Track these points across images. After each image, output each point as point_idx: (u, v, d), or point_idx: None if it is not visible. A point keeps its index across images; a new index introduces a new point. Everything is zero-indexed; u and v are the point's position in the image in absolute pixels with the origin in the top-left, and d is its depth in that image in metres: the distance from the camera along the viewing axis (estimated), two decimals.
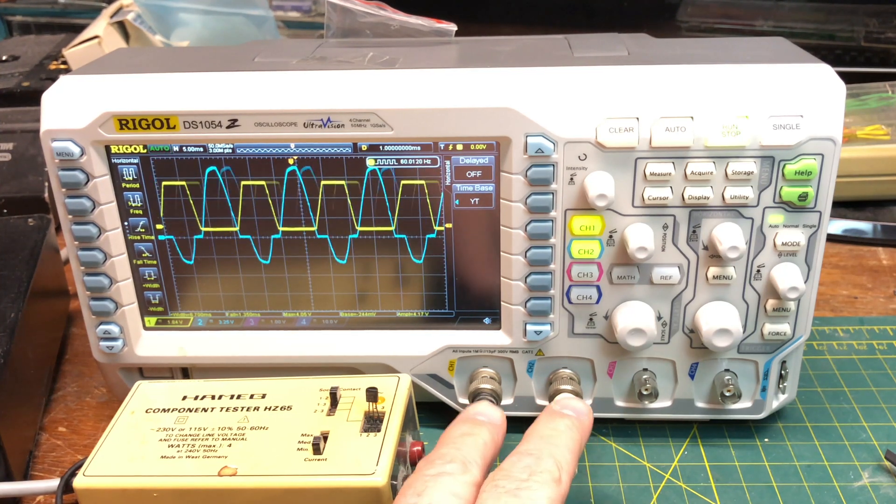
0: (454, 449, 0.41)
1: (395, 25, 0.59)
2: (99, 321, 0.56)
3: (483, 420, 0.43)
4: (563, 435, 0.42)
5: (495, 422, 0.43)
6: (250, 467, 0.46)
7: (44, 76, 0.99)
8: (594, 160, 0.49)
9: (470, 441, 0.41)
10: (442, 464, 0.40)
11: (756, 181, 0.49)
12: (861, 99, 0.91)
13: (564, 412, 0.43)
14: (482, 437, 0.42)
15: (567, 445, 0.41)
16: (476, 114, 0.49)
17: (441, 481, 0.38)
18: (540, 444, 0.41)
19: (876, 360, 0.64)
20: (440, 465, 0.39)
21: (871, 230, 0.82)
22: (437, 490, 0.38)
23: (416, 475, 0.39)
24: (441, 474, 0.39)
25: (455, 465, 0.39)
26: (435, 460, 0.40)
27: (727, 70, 0.50)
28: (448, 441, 0.42)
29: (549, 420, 0.43)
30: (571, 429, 0.42)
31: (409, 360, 0.56)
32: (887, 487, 0.52)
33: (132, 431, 0.49)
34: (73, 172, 0.51)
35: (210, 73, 0.52)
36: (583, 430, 0.43)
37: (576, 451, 0.41)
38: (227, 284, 0.56)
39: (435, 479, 0.39)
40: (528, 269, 0.52)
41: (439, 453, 0.41)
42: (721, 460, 0.54)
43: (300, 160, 0.52)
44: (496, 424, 0.43)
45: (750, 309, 0.52)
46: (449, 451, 0.40)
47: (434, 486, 0.38)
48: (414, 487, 0.39)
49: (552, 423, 0.42)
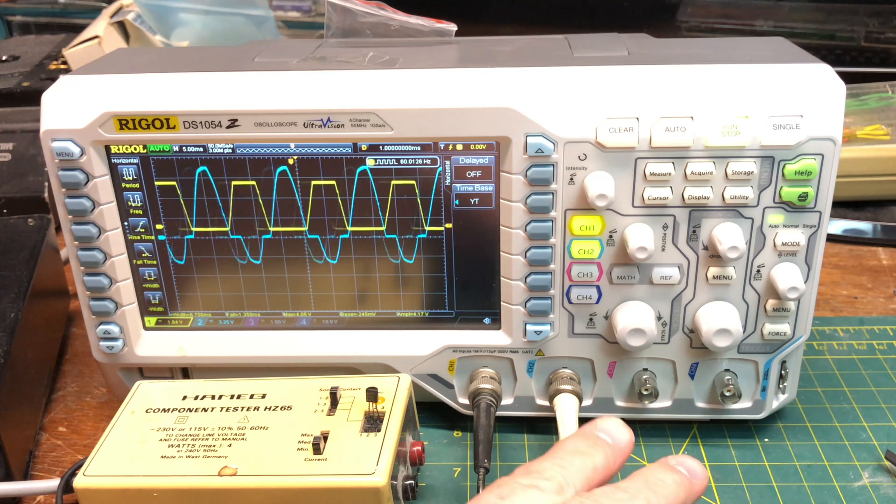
0: (558, 467, 0.38)
1: (395, 25, 0.59)
2: (99, 321, 0.56)
3: (604, 441, 0.40)
4: (667, 487, 0.38)
5: (619, 445, 0.40)
6: (250, 467, 0.46)
7: (44, 76, 0.99)
8: (594, 160, 0.49)
9: (579, 462, 0.38)
10: (538, 478, 0.37)
11: (756, 181, 0.49)
12: (861, 99, 0.91)
13: (678, 468, 0.40)
14: (594, 461, 0.39)
15: (667, 497, 0.38)
16: (476, 114, 0.49)
17: (529, 494, 0.36)
18: (640, 487, 0.38)
19: (876, 360, 0.64)
20: (536, 479, 0.37)
21: (871, 230, 0.82)
22: (522, 499, 0.36)
23: (509, 479, 0.37)
24: (533, 487, 0.37)
25: (551, 485, 0.37)
26: (534, 471, 0.38)
27: (727, 70, 0.50)
28: (557, 454, 0.39)
29: (659, 470, 0.39)
30: (679, 486, 0.39)
31: (409, 360, 0.56)
32: (887, 487, 0.52)
33: (132, 431, 0.49)
34: (73, 172, 0.51)
35: (210, 73, 0.52)
36: (691, 492, 0.39)
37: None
38: (227, 284, 0.56)
39: (524, 490, 0.37)
40: (528, 269, 0.52)
41: (542, 465, 0.38)
42: (721, 460, 0.54)
43: (300, 160, 0.52)
44: (618, 449, 0.40)
45: (750, 309, 0.52)
46: (551, 468, 0.38)
47: (521, 495, 0.36)
48: (501, 489, 0.37)
49: (661, 474, 0.39)
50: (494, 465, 0.54)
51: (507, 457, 0.55)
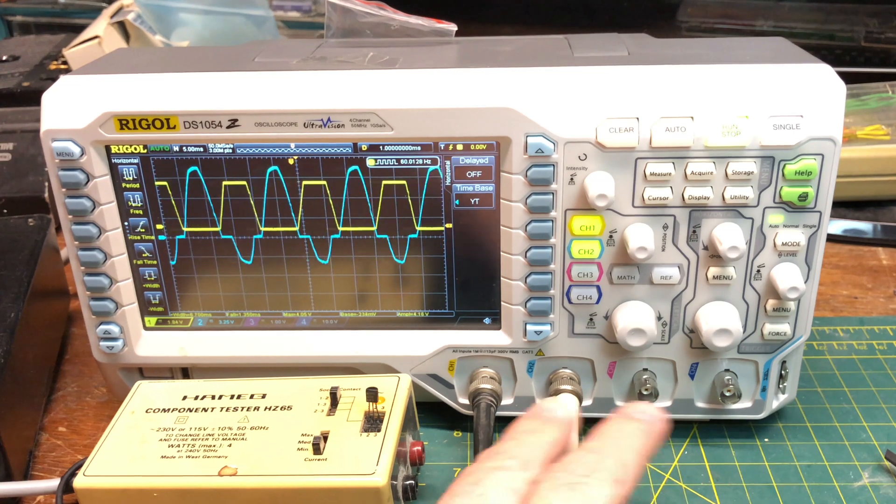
0: (516, 446, 0.40)
1: (395, 25, 0.59)
2: (99, 321, 0.56)
3: (551, 417, 0.42)
4: (631, 437, 0.40)
5: (565, 419, 0.42)
6: (250, 467, 0.46)
7: (44, 76, 0.99)
8: (594, 160, 0.49)
9: (534, 439, 0.40)
10: (502, 459, 0.39)
11: (756, 181, 0.49)
12: (861, 99, 0.91)
13: (636, 416, 0.41)
14: (548, 436, 0.41)
15: (634, 448, 0.39)
16: (476, 114, 0.49)
17: (498, 475, 0.38)
18: (606, 443, 0.39)
19: (876, 360, 0.64)
20: (500, 460, 0.39)
21: (871, 230, 0.82)
22: (494, 482, 0.37)
23: (476, 465, 0.39)
24: (500, 468, 0.38)
25: (515, 462, 0.38)
26: (496, 454, 0.39)
27: (727, 70, 0.50)
28: (512, 436, 0.41)
29: (619, 422, 0.41)
30: (641, 432, 0.40)
31: (409, 360, 0.56)
32: (887, 487, 0.52)
33: (132, 431, 0.49)
34: (73, 172, 0.51)
35: (210, 73, 0.52)
36: (653, 436, 0.41)
37: (643, 455, 0.39)
38: (227, 284, 0.56)
39: (493, 472, 0.38)
40: (528, 269, 0.52)
41: (501, 448, 0.40)
42: (721, 460, 0.54)
43: (300, 160, 0.52)
44: (566, 423, 0.42)
45: (750, 309, 0.52)
46: (511, 448, 0.40)
47: (491, 478, 0.38)
48: (471, 476, 0.38)
49: (621, 426, 0.41)
50: None
51: None
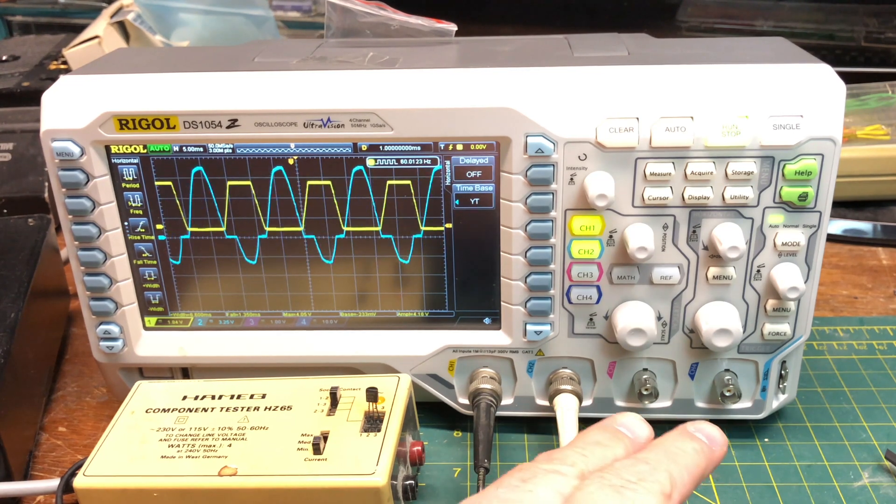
0: (580, 455, 0.38)
1: (395, 25, 0.59)
2: (99, 321, 0.56)
3: (624, 435, 0.40)
4: (687, 456, 0.38)
5: (638, 440, 0.40)
6: (250, 467, 0.46)
7: (44, 76, 0.99)
8: (594, 160, 0.49)
9: (600, 452, 0.39)
10: (560, 464, 0.37)
11: (756, 181, 0.49)
12: (861, 99, 0.91)
13: (697, 435, 0.40)
14: (615, 453, 0.39)
15: (688, 467, 0.38)
16: (476, 114, 0.49)
17: (551, 478, 0.37)
18: (660, 456, 0.38)
19: (876, 360, 0.64)
20: (558, 465, 0.37)
21: (871, 230, 0.82)
22: (545, 483, 0.36)
23: (532, 464, 0.38)
24: (555, 472, 0.37)
25: (573, 470, 0.37)
26: (556, 458, 0.38)
27: (727, 70, 0.50)
28: (578, 444, 0.39)
29: (679, 438, 0.39)
30: (699, 453, 0.39)
31: (409, 360, 0.56)
32: (887, 487, 0.52)
33: (132, 431, 0.49)
34: (73, 172, 0.51)
35: (210, 73, 0.52)
36: (711, 459, 0.39)
37: (696, 476, 0.38)
38: (227, 284, 0.56)
39: (546, 474, 0.37)
40: (528, 269, 0.52)
41: (563, 453, 0.38)
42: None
43: (300, 160, 0.52)
44: (637, 443, 0.40)
45: (750, 309, 0.52)
46: (573, 455, 0.38)
47: (543, 479, 0.36)
48: (523, 472, 0.37)
49: (680, 442, 0.39)
50: (494, 465, 0.54)
51: (507, 457, 0.55)
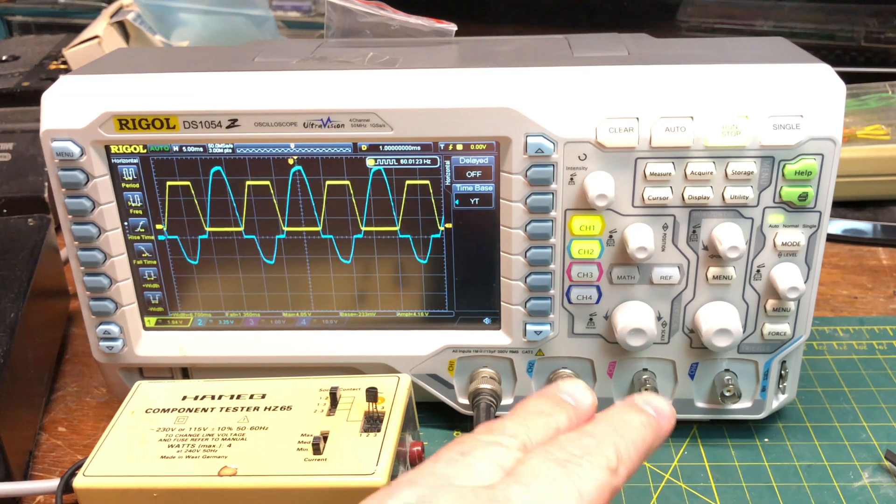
0: (521, 425, 0.37)
1: (395, 25, 0.59)
2: (99, 321, 0.56)
3: (567, 402, 0.38)
4: (634, 430, 0.37)
5: (581, 407, 0.38)
6: (250, 467, 0.46)
7: (44, 76, 0.99)
8: (594, 160, 0.49)
9: (542, 422, 0.37)
10: (501, 435, 0.36)
11: (756, 181, 0.49)
12: (861, 99, 0.91)
13: (644, 408, 0.38)
14: (557, 421, 0.37)
15: (634, 441, 0.36)
16: (476, 114, 0.49)
17: (492, 449, 0.35)
18: (607, 429, 0.36)
19: (876, 360, 0.64)
20: (498, 436, 0.36)
21: (871, 230, 0.82)
22: (484, 455, 0.35)
23: (471, 436, 0.36)
24: (495, 443, 0.35)
25: (514, 441, 0.36)
26: (496, 429, 0.36)
27: (727, 70, 0.50)
28: (519, 413, 0.38)
29: (625, 411, 0.38)
30: (646, 426, 0.37)
31: (409, 360, 0.56)
32: (887, 487, 0.52)
33: (132, 431, 0.49)
34: (73, 172, 0.51)
35: (210, 73, 0.52)
36: (658, 432, 0.38)
37: (642, 450, 0.37)
38: (227, 284, 0.56)
39: (486, 446, 0.35)
40: (528, 269, 0.52)
41: (503, 424, 0.37)
42: (721, 460, 0.54)
43: (300, 160, 0.52)
44: (581, 411, 0.38)
45: (750, 309, 0.52)
46: (513, 426, 0.36)
47: (483, 451, 0.35)
48: (462, 445, 0.35)
49: (627, 415, 0.38)
50: None
51: None
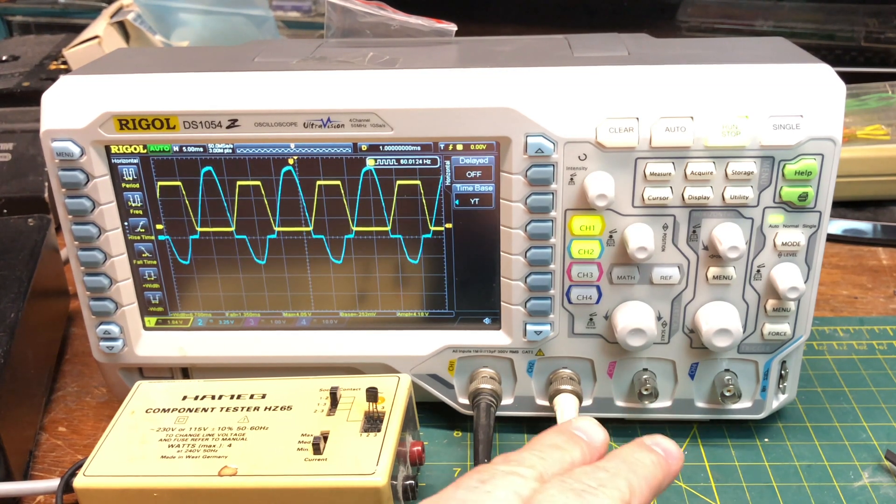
0: (538, 457, 0.38)
1: (395, 25, 0.59)
2: (99, 321, 0.56)
3: (580, 438, 0.40)
4: (645, 467, 0.39)
5: (594, 443, 0.40)
6: (250, 467, 0.46)
7: (44, 76, 0.99)
8: (594, 160, 0.49)
9: (557, 455, 0.39)
10: (518, 466, 0.38)
11: (756, 181, 0.49)
12: (861, 99, 0.91)
13: (654, 448, 0.40)
14: (571, 456, 0.39)
15: (646, 478, 0.38)
16: (476, 114, 0.49)
17: (510, 479, 0.37)
18: (619, 465, 0.38)
19: (876, 360, 0.64)
20: (515, 466, 0.38)
21: (871, 230, 0.82)
22: (504, 485, 0.36)
23: (490, 466, 0.38)
24: (513, 473, 0.37)
25: (531, 472, 0.37)
26: (513, 459, 0.38)
27: (727, 70, 0.50)
28: (535, 446, 0.39)
29: (637, 450, 0.40)
30: (656, 465, 0.39)
31: (409, 360, 0.56)
32: (887, 487, 0.52)
33: (132, 431, 0.49)
34: (73, 172, 0.51)
35: (210, 73, 0.52)
36: (668, 472, 0.40)
37: (654, 487, 0.39)
38: (227, 284, 0.56)
39: (504, 476, 0.37)
40: (528, 269, 0.52)
41: (521, 456, 0.39)
42: (721, 460, 0.54)
43: (300, 160, 0.52)
44: (593, 447, 0.40)
45: (750, 309, 0.52)
46: (531, 458, 0.38)
47: (501, 480, 0.37)
48: (481, 474, 0.37)
49: (638, 454, 0.40)
50: None
51: None
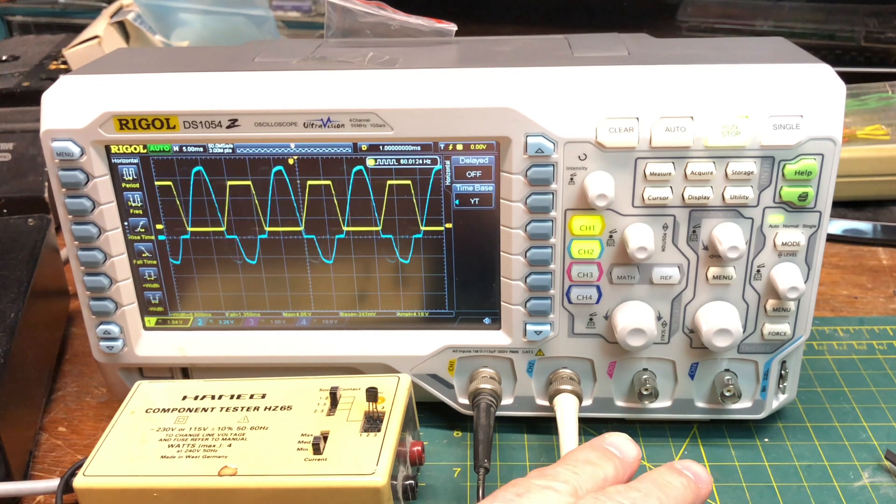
0: (572, 472, 0.40)
1: (395, 25, 0.59)
2: (99, 321, 0.56)
3: (614, 454, 0.42)
4: (676, 490, 0.40)
5: (626, 459, 0.42)
6: (250, 467, 0.46)
7: (44, 76, 0.99)
8: (594, 160, 0.49)
9: (590, 470, 0.40)
10: (553, 480, 0.39)
11: (756, 181, 0.49)
12: (861, 99, 0.91)
13: (685, 472, 0.41)
14: (605, 471, 0.40)
15: (676, 499, 0.39)
16: (476, 114, 0.49)
17: (545, 493, 0.38)
18: (651, 487, 0.39)
19: (876, 360, 0.64)
20: (551, 481, 0.39)
21: (871, 230, 0.82)
22: (538, 498, 0.38)
23: (525, 479, 0.39)
24: (548, 488, 0.38)
25: (566, 487, 0.39)
26: (548, 474, 0.39)
27: (727, 70, 0.50)
28: (569, 462, 0.41)
29: (668, 472, 0.41)
30: (686, 488, 0.40)
31: (409, 360, 0.56)
32: (887, 487, 0.52)
33: (132, 431, 0.49)
34: (73, 172, 0.51)
35: (210, 73, 0.52)
36: (698, 495, 0.41)
37: None
38: (227, 284, 0.56)
39: (540, 490, 0.38)
40: (528, 269, 0.52)
41: (556, 471, 0.40)
42: (721, 460, 0.54)
43: (300, 160, 0.52)
44: (626, 463, 0.42)
45: (750, 309, 0.52)
46: (565, 473, 0.40)
47: (537, 494, 0.38)
48: (517, 487, 0.38)
49: (669, 476, 0.41)
50: (494, 465, 0.54)
51: (507, 457, 0.55)
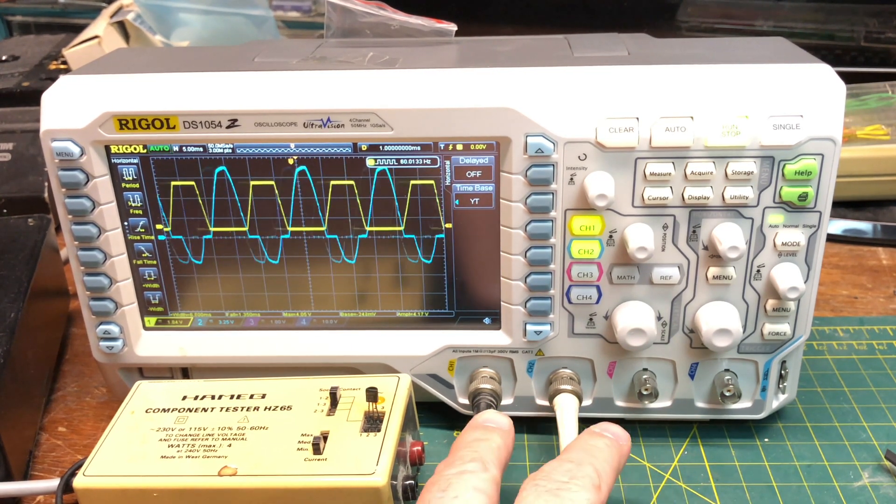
0: (470, 451, 0.42)
1: (395, 25, 0.59)
2: (99, 321, 0.56)
3: (493, 426, 0.45)
4: (603, 451, 0.43)
5: (504, 427, 0.45)
6: (250, 467, 0.46)
7: (44, 76, 0.99)
8: (594, 160, 0.49)
9: (484, 445, 0.43)
10: (461, 464, 0.41)
11: (756, 181, 0.49)
12: (861, 99, 0.91)
13: (604, 434, 0.44)
14: (495, 441, 0.43)
15: (607, 460, 0.42)
16: (476, 114, 0.49)
17: (464, 478, 0.40)
18: (580, 454, 0.42)
19: (876, 360, 0.64)
20: (460, 465, 0.41)
21: (871, 230, 0.82)
22: (461, 486, 0.40)
23: (438, 476, 0.41)
24: (463, 472, 0.40)
25: (475, 464, 0.41)
26: (454, 461, 0.42)
27: (727, 70, 0.50)
28: (462, 445, 0.43)
29: (589, 438, 0.44)
30: (611, 447, 0.43)
31: (409, 360, 0.56)
32: (887, 487, 0.52)
33: (132, 431, 0.50)
34: (73, 172, 0.51)
35: (210, 73, 0.52)
36: (622, 453, 0.44)
37: (615, 467, 0.42)
38: (227, 284, 0.56)
39: (458, 477, 0.40)
40: (528, 269, 0.52)
41: (457, 455, 0.42)
42: (721, 460, 0.54)
43: (300, 160, 0.52)
44: (505, 430, 0.45)
45: (750, 309, 0.52)
46: (466, 453, 0.42)
47: (457, 482, 0.40)
48: (437, 485, 0.40)
49: (592, 441, 0.44)
50: None
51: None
